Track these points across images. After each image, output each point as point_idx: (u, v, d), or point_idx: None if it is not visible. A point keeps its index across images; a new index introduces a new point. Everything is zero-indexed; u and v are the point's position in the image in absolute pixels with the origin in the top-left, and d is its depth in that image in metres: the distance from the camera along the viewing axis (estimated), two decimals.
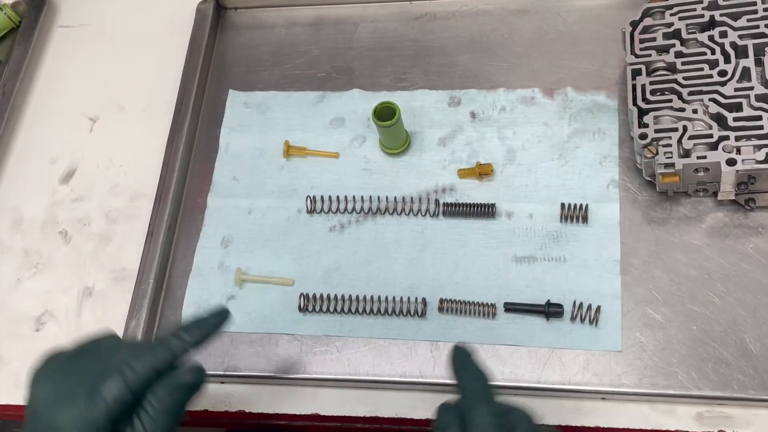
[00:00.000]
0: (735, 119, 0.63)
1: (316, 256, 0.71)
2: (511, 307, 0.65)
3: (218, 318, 0.56)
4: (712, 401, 0.61)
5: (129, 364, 0.49)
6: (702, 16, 0.67)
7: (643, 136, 0.64)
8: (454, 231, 0.70)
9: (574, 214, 0.67)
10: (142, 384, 0.49)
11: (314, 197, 0.72)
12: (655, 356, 0.62)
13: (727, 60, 0.65)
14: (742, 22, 0.66)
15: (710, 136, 0.62)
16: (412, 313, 0.66)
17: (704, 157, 0.62)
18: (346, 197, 0.72)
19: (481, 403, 0.50)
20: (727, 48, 0.65)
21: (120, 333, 0.69)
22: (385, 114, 0.70)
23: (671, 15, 0.68)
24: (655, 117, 0.65)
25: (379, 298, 0.67)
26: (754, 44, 0.65)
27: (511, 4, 0.79)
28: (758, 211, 0.65)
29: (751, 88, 0.63)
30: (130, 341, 0.57)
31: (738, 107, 0.63)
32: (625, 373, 0.62)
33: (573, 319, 0.64)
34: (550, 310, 0.64)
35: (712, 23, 0.67)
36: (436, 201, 0.70)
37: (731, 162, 0.61)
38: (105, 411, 0.48)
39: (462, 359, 0.53)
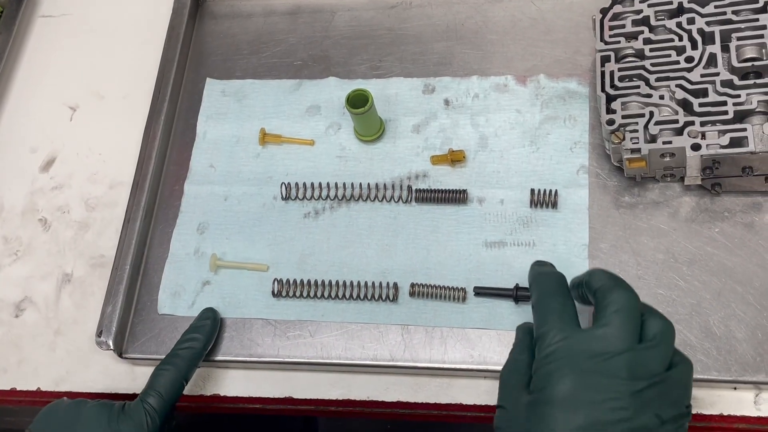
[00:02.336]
0: (700, 105, 0.63)
1: (290, 242, 0.71)
2: (480, 291, 0.66)
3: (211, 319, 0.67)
4: None
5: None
6: (671, 2, 0.68)
7: (610, 122, 0.65)
8: (426, 217, 0.70)
9: (544, 200, 0.68)
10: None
11: (289, 184, 0.73)
12: None
13: (694, 46, 0.66)
14: (709, 8, 0.67)
15: (676, 121, 0.63)
16: (384, 298, 0.67)
17: (670, 142, 0.62)
18: (320, 184, 0.73)
19: (618, 288, 0.52)
20: (695, 34, 0.66)
21: (96, 319, 0.70)
22: (358, 101, 0.70)
23: (641, 2, 0.69)
24: (623, 103, 0.65)
25: (351, 283, 0.68)
26: (720, 30, 0.66)
27: None
28: (724, 195, 0.66)
29: (717, 74, 0.64)
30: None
31: (704, 93, 0.64)
32: None
33: None
34: (519, 294, 0.65)
35: (680, 10, 0.68)
36: (409, 187, 0.71)
37: (696, 147, 0.62)
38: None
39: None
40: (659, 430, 0.49)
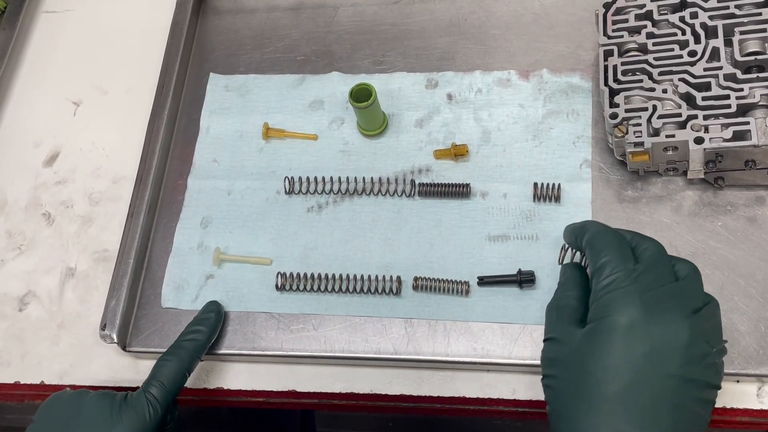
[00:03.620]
0: (704, 98, 0.63)
1: (293, 236, 0.72)
2: (484, 280, 0.66)
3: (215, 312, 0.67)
4: None
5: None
6: None
7: (613, 116, 0.65)
8: (429, 211, 0.71)
9: (547, 194, 0.68)
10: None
11: (292, 178, 0.73)
12: None
13: (697, 40, 0.66)
14: (712, 2, 0.67)
15: (679, 115, 0.63)
16: (387, 291, 0.67)
17: (673, 136, 0.63)
18: (324, 178, 0.73)
19: (597, 230, 0.55)
20: (698, 28, 0.66)
21: (99, 312, 0.70)
22: (362, 95, 0.71)
23: None
24: (626, 97, 0.66)
25: (355, 276, 0.68)
26: (723, 25, 0.66)
27: None
28: (727, 189, 0.66)
29: (720, 68, 0.64)
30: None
31: (707, 87, 0.64)
32: None
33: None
34: (523, 279, 0.65)
35: (683, 4, 0.68)
36: (412, 181, 0.71)
37: (699, 140, 0.62)
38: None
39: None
40: (710, 358, 0.51)
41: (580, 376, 0.51)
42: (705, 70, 0.65)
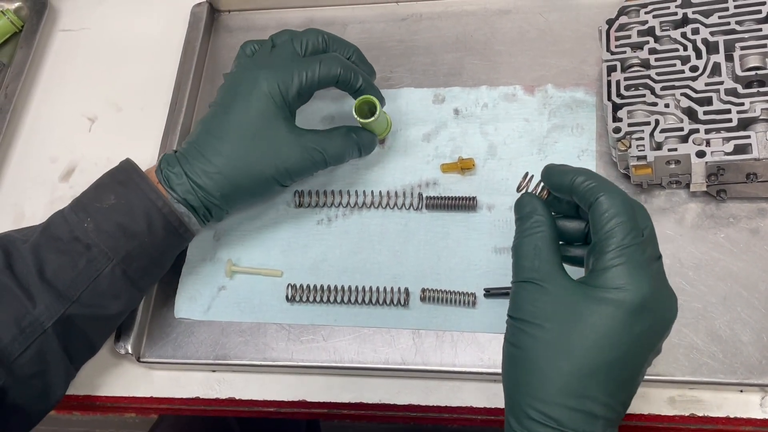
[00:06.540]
0: (705, 113, 0.65)
1: (304, 249, 0.73)
2: (490, 292, 0.67)
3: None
4: (684, 385, 0.63)
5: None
6: (675, 13, 0.70)
7: (616, 130, 0.66)
8: (436, 224, 0.72)
9: None
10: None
11: (302, 192, 0.75)
12: None
13: (699, 56, 0.67)
14: (713, 19, 0.68)
15: (681, 129, 0.65)
16: (395, 303, 0.69)
17: (675, 150, 0.64)
18: (333, 192, 0.75)
19: (611, 190, 0.53)
20: (699, 44, 0.68)
21: None
22: (366, 109, 0.72)
23: (646, 13, 0.71)
24: (629, 111, 0.67)
25: (363, 288, 0.70)
26: (724, 40, 0.67)
27: (494, 4, 0.81)
28: (729, 202, 0.68)
29: (721, 83, 0.65)
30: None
31: (708, 101, 0.65)
32: None
33: None
34: None
35: (685, 20, 0.69)
36: (420, 195, 0.73)
37: (701, 154, 0.63)
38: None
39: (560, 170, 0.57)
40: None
41: (570, 336, 0.49)
42: (706, 85, 0.66)
